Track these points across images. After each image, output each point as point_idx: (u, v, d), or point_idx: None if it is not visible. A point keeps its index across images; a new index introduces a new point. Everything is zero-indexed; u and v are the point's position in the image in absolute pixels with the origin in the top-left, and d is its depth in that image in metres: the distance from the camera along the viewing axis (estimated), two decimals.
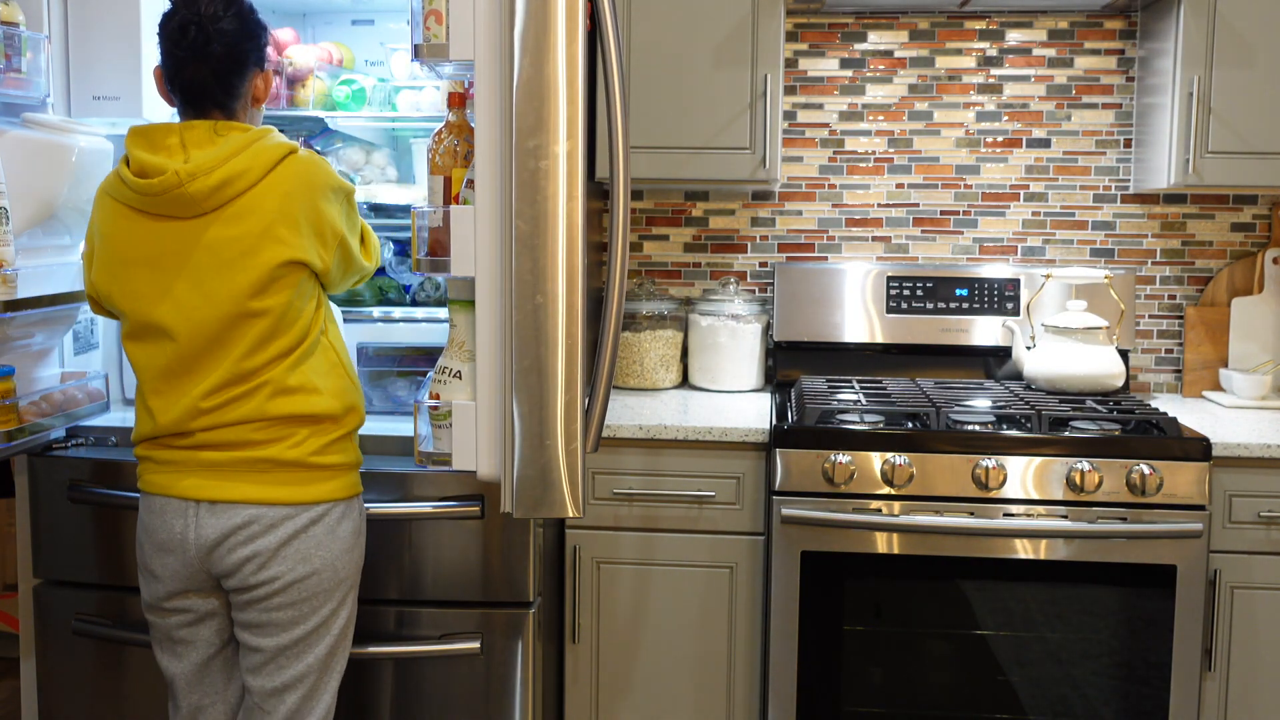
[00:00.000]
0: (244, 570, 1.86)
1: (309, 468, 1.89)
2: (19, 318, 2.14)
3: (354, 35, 2.83)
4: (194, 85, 1.90)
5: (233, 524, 1.85)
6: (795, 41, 3.01)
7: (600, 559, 2.48)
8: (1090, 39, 2.95)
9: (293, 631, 1.90)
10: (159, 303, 1.86)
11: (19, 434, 2.12)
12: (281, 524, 1.87)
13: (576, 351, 1.74)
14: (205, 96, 1.91)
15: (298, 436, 1.88)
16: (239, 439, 1.87)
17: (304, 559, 1.88)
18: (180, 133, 1.86)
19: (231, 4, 1.91)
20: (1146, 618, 2.32)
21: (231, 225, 1.83)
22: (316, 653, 1.93)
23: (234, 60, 1.90)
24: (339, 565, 1.93)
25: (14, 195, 2.04)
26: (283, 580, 1.87)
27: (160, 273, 1.86)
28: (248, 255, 1.83)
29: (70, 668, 2.31)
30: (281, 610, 1.89)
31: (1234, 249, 2.96)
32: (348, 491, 1.96)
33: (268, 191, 1.84)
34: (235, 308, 1.83)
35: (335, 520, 1.93)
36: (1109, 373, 2.62)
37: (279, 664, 1.91)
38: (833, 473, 2.34)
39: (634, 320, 2.92)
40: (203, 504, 1.87)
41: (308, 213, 1.87)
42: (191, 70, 1.89)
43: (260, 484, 1.87)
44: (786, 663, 2.39)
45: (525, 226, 1.72)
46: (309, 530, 1.89)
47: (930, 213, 3.03)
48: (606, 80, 1.82)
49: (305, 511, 1.89)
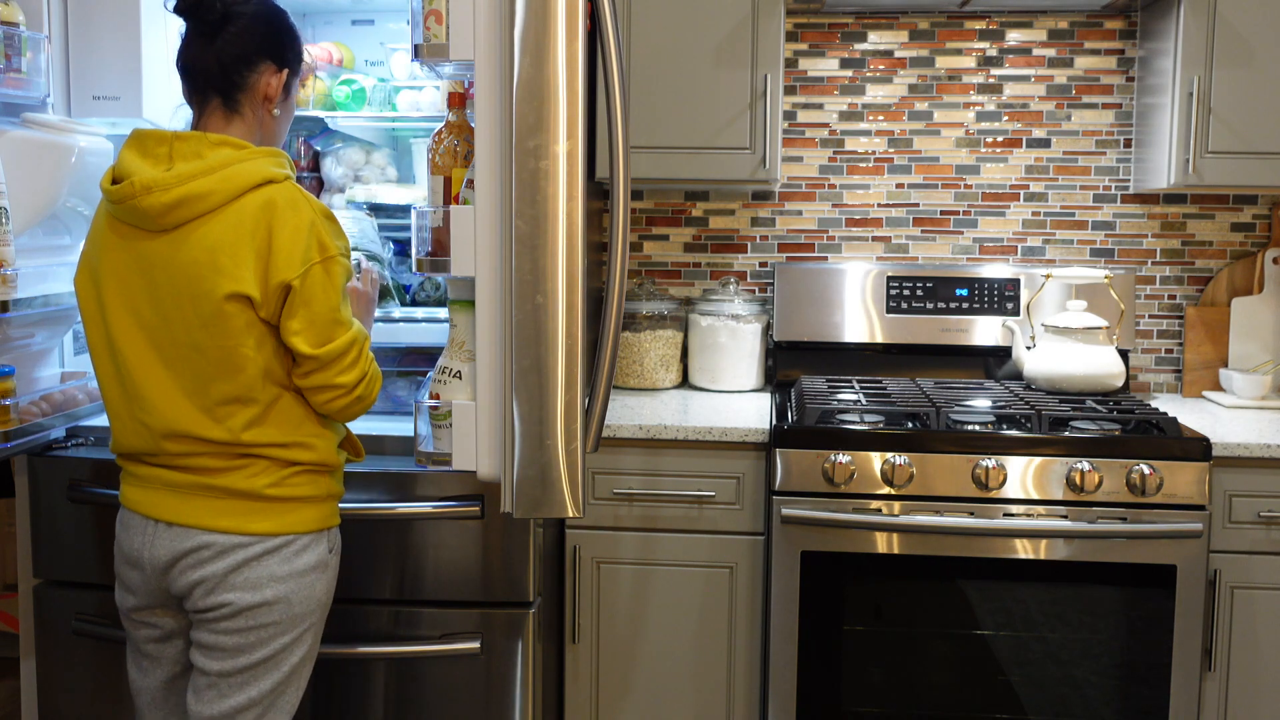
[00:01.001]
0: (195, 593, 1.81)
1: (266, 499, 1.81)
2: (19, 318, 2.14)
3: (354, 35, 2.83)
4: (198, 65, 1.81)
5: (184, 547, 1.80)
6: (795, 41, 3.01)
7: (600, 559, 2.48)
8: (1090, 39, 2.95)
9: (238, 659, 1.81)
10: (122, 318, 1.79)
11: (19, 434, 2.12)
12: (232, 552, 1.79)
13: (576, 351, 1.74)
14: (207, 80, 1.82)
15: (255, 469, 1.80)
16: (200, 464, 1.80)
17: (254, 587, 1.80)
18: (171, 142, 1.77)
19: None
20: (1146, 618, 2.32)
21: (185, 249, 1.74)
22: (261, 686, 1.83)
23: (245, 46, 1.81)
24: (294, 599, 1.83)
25: (14, 195, 2.04)
26: (232, 606, 1.79)
27: (125, 289, 1.78)
28: (197, 281, 1.73)
29: (70, 668, 2.31)
30: (230, 635, 1.81)
31: (1234, 249, 2.96)
32: (310, 525, 1.85)
33: (233, 218, 1.73)
34: (185, 337, 1.75)
35: (293, 553, 1.83)
36: (1109, 373, 2.62)
37: (220, 690, 1.82)
38: (833, 473, 2.34)
39: (634, 320, 2.92)
40: (160, 524, 1.82)
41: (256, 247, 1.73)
42: (198, 48, 1.81)
43: (214, 512, 1.80)
44: (786, 663, 2.39)
45: (525, 226, 1.72)
46: (261, 560, 1.80)
47: (930, 213, 3.03)
48: (606, 80, 1.82)
49: (259, 542, 1.80)
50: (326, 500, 1.89)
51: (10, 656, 2.64)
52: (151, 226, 1.75)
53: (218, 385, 1.76)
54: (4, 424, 2.08)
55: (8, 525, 2.59)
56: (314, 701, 2.28)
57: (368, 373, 1.85)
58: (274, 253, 1.73)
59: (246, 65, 1.83)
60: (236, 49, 1.81)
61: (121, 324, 1.79)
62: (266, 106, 1.87)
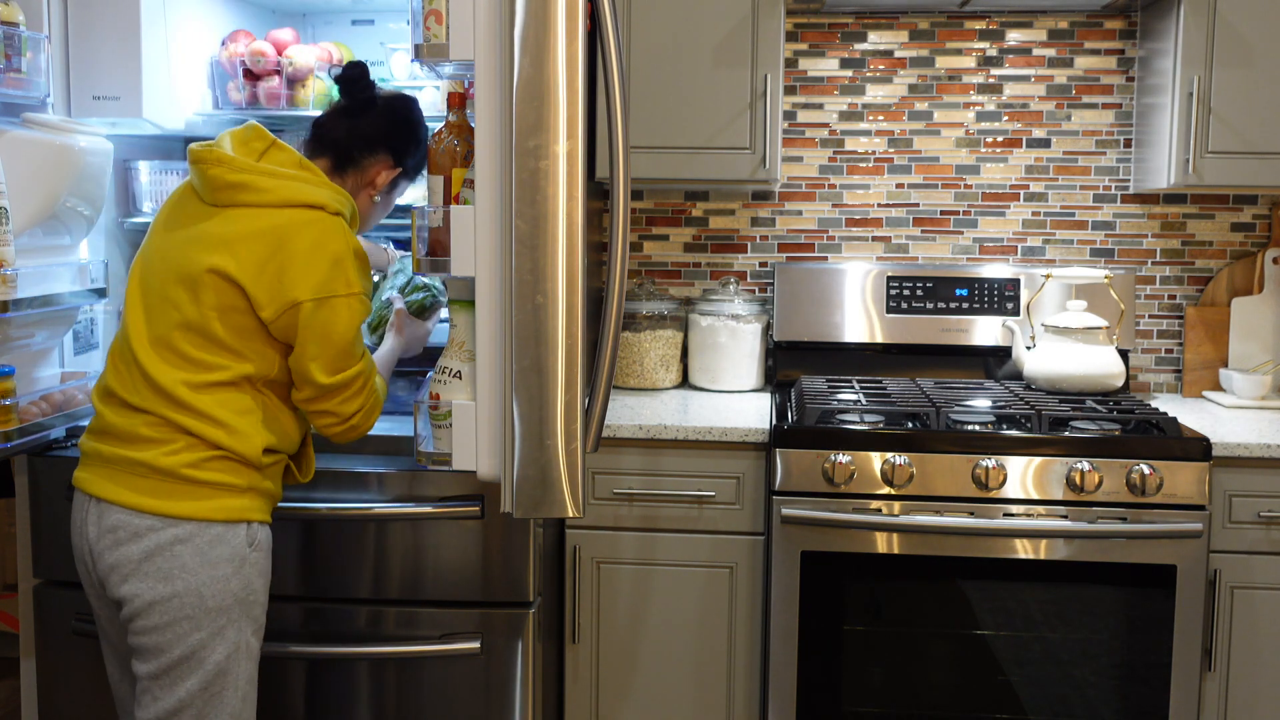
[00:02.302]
0: (111, 580, 1.81)
1: (183, 480, 1.81)
2: (19, 318, 2.14)
3: (354, 35, 2.83)
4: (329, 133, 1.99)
5: (105, 525, 1.81)
6: (795, 41, 3.01)
7: (600, 559, 2.48)
8: (1090, 39, 2.95)
9: (160, 659, 1.80)
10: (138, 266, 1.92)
11: (19, 434, 2.12)
12: (145, 535, 1.79)
13: (576, 351, 1.74)
14: (331, 147, 1.99)
15: (175, 445, 1.81)
16: (131, 431, 1.82)
17: (165, 578, 1.79)
18: (270, 144, 1.91)
19: (412, 104, 2.05)
20: (1146, 618, 2.32)
21: (219, 225, 1.84)
22: (189, 686, 1.80)
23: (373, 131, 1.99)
24: (206, 593, 1.81)
25: (14, 195, 2.04)
26: (142, 599, 1.79)
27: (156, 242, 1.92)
28: (203, 251, 1.83)
29: (70, 668, 2.31)
30: (146, 634, 1.80)
31: (1234, 249, 2.96)
32: (227, 515, 1.84)
33: (266, 215, 1.84)
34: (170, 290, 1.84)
35: (206, 543, 1.81)
36: (1109, 373, 2.62)
37: (153, 694, 1.82)
38: (833, 473, 2.34)
39: (634, 320, 2.92)
40: (92, 500, 1.84)
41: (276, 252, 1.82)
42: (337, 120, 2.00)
43: (132, 489, 1.81)
44: (786, 663, 2.39)
45: (525, 226, 1.72)
46: (173, 548, 1.80)
47: (930, 213, 3.03)
48: (606, 80, 1.82)
49: (171, 527, 1.80)
50: (248, 492, 1.87)
51: (10, 656, 2.64)
52: (208, 198, 1.87)
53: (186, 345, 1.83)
54: (4, 424, 2.08)
55: (8, 525, 2.59)
56: (314, 702, 2.28)
57: (365, 405, 1.94)
58: (292, 266, 1.82)
59: (369, 149, 2.00)
60: (365, 131, 1.99)
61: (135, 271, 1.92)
62: (369, 192, 2.04)
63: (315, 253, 1.83)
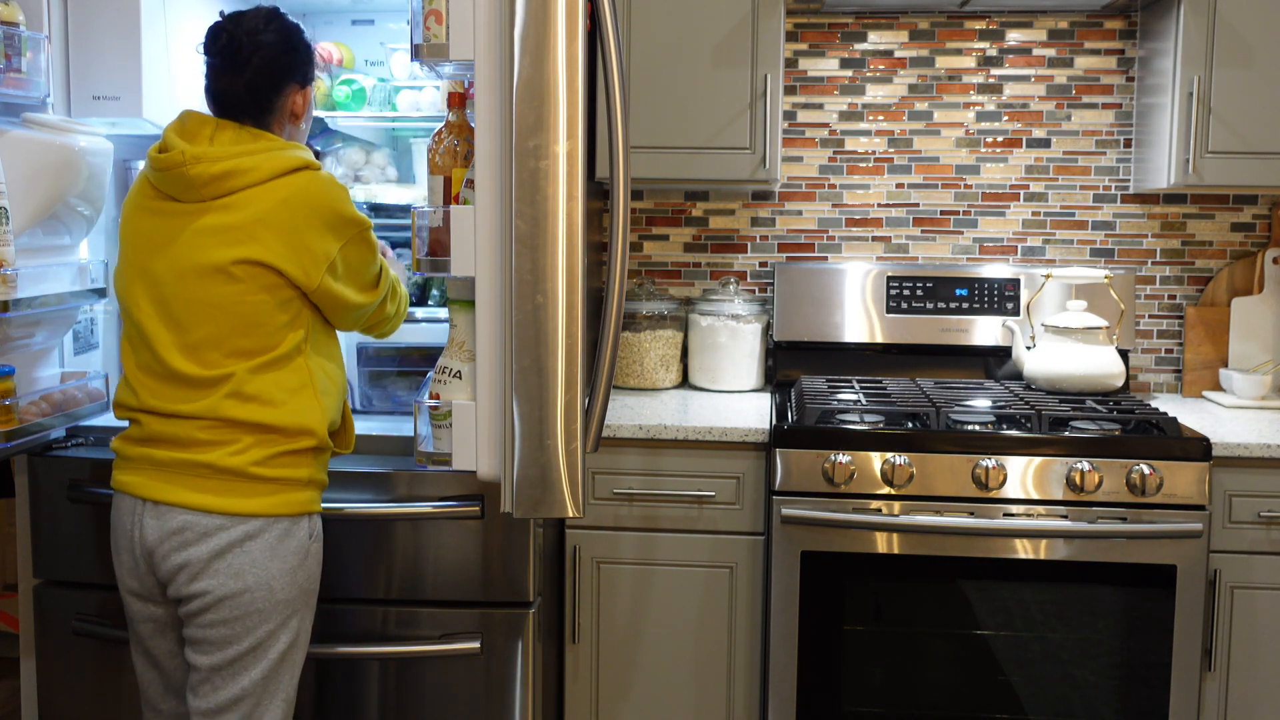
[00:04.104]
0: (178, 579, 1.83)
1: (249, 478, 1.83)
2: (19, 318, 2.14)
3: (354, 35, 2.83)
4: (227, 95, 1.92)
5: (168, 528, 1.82)
6: (795, 41, 3.01)
7: (600, 559, 2.48)
8: (1090, 39, 2.95)
9: (226, 651, 1.84)
10: (138, 280, 1.88)
11: (19, 434, 2.12)
12: (215, 534, 1.82)
13: (576, 351, 1.74)
14: (238, 108, 1.92)
15: (241, 444, 1.83)
16: (186, 436, 1.84)
17: (236, 574, 1.82)
18: (214, 126, 1.89)
19: (273, 19, 1.94)
20: (1146, 618, 2.32)
21: (221, 216, 1.84)
22: (252, 676, 1.86)
23: (270, 74, 1.92)
24: (276, 586, 1.85)
25: (14, 195, 2.04)
26: (213, 595, 1.82)
27: (142, 252, 1.89)
28: (224, 246, 1.83)
29: (70, 668, 2.31)
30: (214, 627, 1.83)
31: (1234, 249, 2.96)
32: (293, 509, 1.88)
33: (266, 193, 1.84)
34: (201, 293, 1.83)
35: (275, 538, 1.86)
36: (1109, 373, 2.62)
37: (214, 684, 1.85)
38: (833, 473, 2.34)
39: (634, 320, 2.92)
40: (148, 504, 1.85)
41: (294, 224, 1.85)
42: (226, 81, 1.91)
43: (197, 490, 1.82)
44: (786, 663, 2.39)
45: (525, 226, 1.72)
46: (244, 545, 1.83)
47: (930, 213, 3.03)
48: (606, 80, 1.82)
49: (240, 524, 1.83)
50: (308, 486, 1.91)
51: (10, 656, 2.64)
52: (191, 196, 1.85)
53: (233, 340, 1.84)
54: (4, 424, 2.08)
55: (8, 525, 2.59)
56: (314, 701, 2.28)
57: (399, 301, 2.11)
58: (311, 233, 1.85)
59: (274, 91, 1.94)
60: (266, 78, 1.92)
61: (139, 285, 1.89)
62: (294, 122, 2.00)
63: (323, 212, 1.87)
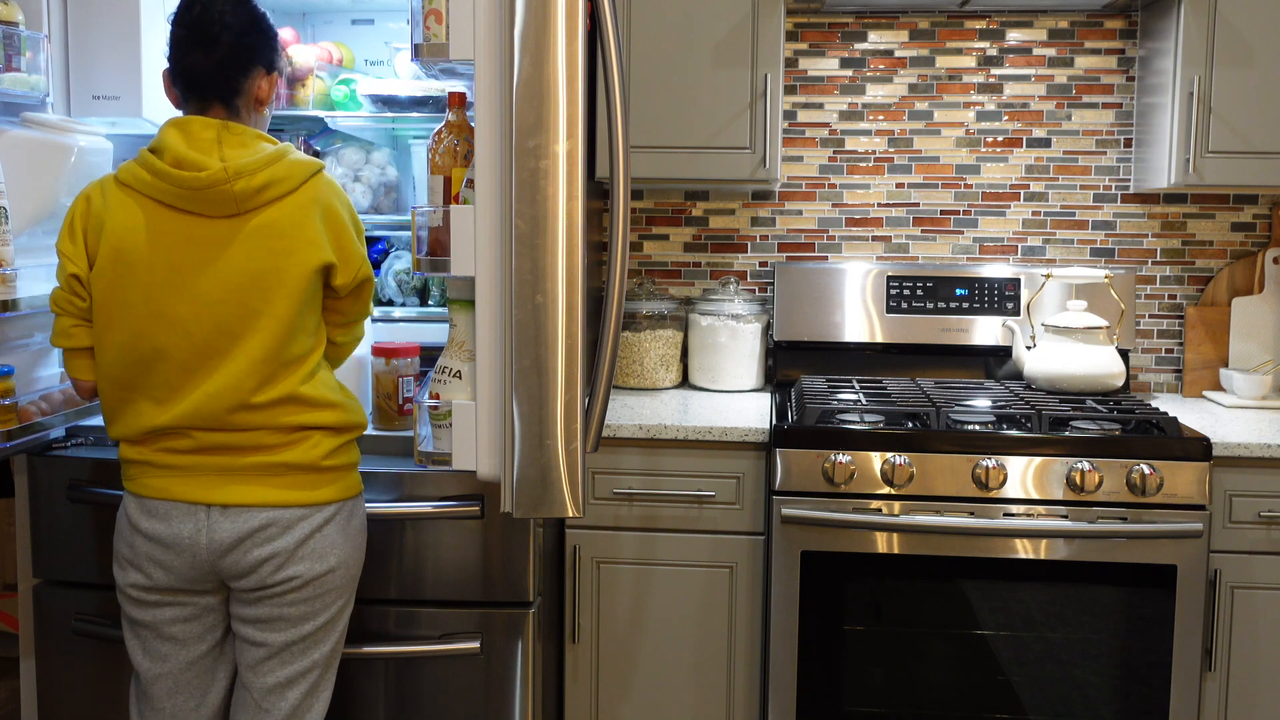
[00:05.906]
0: (262, 570, 1.89)
1: (320, 470, 1.92)
2: (19, 317, 2.14)
3: (354, 35, 2.83)
4: (196, 73, 1.90)
5: (249, 527, 1.88)
6: (795, 41, 3.01)
7: (600, 559, 2.48)
8: (1090, 38, 2.95)
9: (302, 627, 1.93)
10: (175, 298, 1.84)
11: (19, 433, 2.12)
12: (297, 524, 1.90)
13: (576, 351, 1.74)
14: (206, 87, 1.90)
15: (310, 441, 1.91)
16: (253, 443, 1.89)
17: (321, 556, 1.92)
18: (219, 130, 1.88)
19: (243, 2, 1.93)
20: (1146, 618, 2.32)
21: (268, 228, 1.85)
22: (322, 649, 1.97)
23: (239, 54, 1.90)
24: (351, 562, 1.98)
25: (14, 195, 2.04)
26: (302, 578, 1.91)
27: (178, 271, 1.84)
28: (284, 255, 1.85)
29: (70, 668, 2.30)
30: (295, 606, 1.92)
31: (1234, 249, 2.96)
32: (354, 490, 2.00)
33: (303, 200, 1.88)
34: (263, 305, 1.85)
35: (346, 518, 1.97)
36: (1109, 372, 2.62)
37: (283, 659, 1.94)
38: (833, 472, 2.34)
39: (634, 320, 2.92)
40: (214, 508, 1.88)
41: (335, 227, 1.92)
42: (196, 58, 1.89)
43: (276, 487, 1.89)
44: (786, 663, 2.39)
45: (525, 226, 1.72)
46: (324, 529, 1.93)
47: (930, 212, 3.03)
48: (606, 80, 1.82)
49: (319, 511, 1.93)
50: (356, 467, 2.04)
51: (10, 656, 2.64)
52: (226, 210, 1.85)
53: (288, 348, 1.88)
54: (4, 424, 2.08)
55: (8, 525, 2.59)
56: None
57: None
58: (343, 230, 1.92)
59: (242, 73, 1.93)
60: (231, 57, 1.91)
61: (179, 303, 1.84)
62: (258, 108, 1.99)
63: (342, 209, 1.94)
